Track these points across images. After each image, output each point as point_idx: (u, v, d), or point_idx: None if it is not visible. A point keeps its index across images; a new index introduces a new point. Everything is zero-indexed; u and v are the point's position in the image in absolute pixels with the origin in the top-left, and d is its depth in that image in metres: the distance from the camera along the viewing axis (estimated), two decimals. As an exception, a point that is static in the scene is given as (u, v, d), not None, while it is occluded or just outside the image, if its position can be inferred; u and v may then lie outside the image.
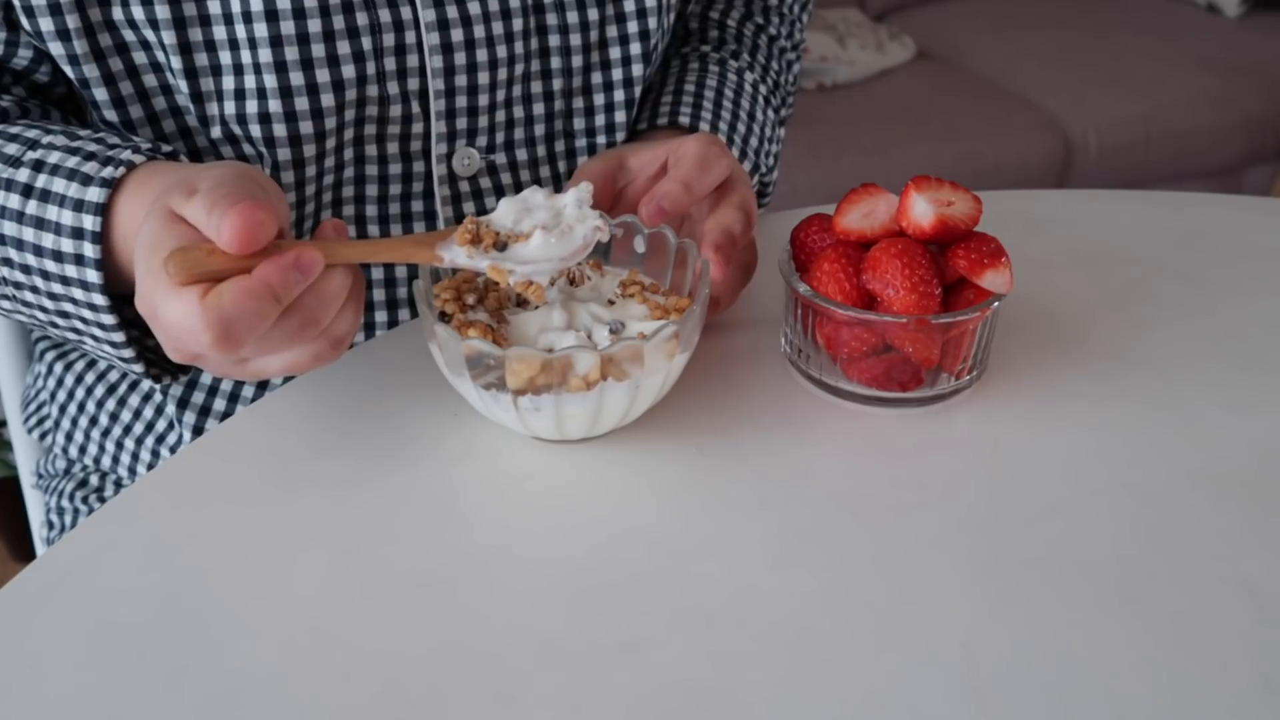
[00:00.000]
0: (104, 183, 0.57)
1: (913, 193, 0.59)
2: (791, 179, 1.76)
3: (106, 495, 0.80)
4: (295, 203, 0.68)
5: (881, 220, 0.60)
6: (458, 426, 0.61)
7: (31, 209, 0.58)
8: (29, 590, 0.53)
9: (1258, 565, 0.53)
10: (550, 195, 0.58)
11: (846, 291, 0.59)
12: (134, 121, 0.65)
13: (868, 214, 0.61)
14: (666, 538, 0.55)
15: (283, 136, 0.65)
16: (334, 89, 0.65)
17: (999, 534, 0.54)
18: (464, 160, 0.72)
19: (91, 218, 0.57)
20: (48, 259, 0.59)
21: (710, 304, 0.62)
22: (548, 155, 0.75)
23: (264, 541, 0.55)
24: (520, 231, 0.57)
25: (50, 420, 0.83)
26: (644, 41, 0.73)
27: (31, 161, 0.59)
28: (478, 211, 0.73)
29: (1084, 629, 0.50)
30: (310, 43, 0.64)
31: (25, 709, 0.47)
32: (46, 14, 0.61)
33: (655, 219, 0.60)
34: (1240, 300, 0.71)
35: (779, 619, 0.50)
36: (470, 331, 0.56)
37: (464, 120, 0.70)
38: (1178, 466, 0.58)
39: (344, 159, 0.68)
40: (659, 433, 0.60)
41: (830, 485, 0.57)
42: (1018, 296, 0.68)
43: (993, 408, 0.62)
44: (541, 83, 0.73)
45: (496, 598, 0.51)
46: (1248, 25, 2.35)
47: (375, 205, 0.71)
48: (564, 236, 0.57)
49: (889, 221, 0.60)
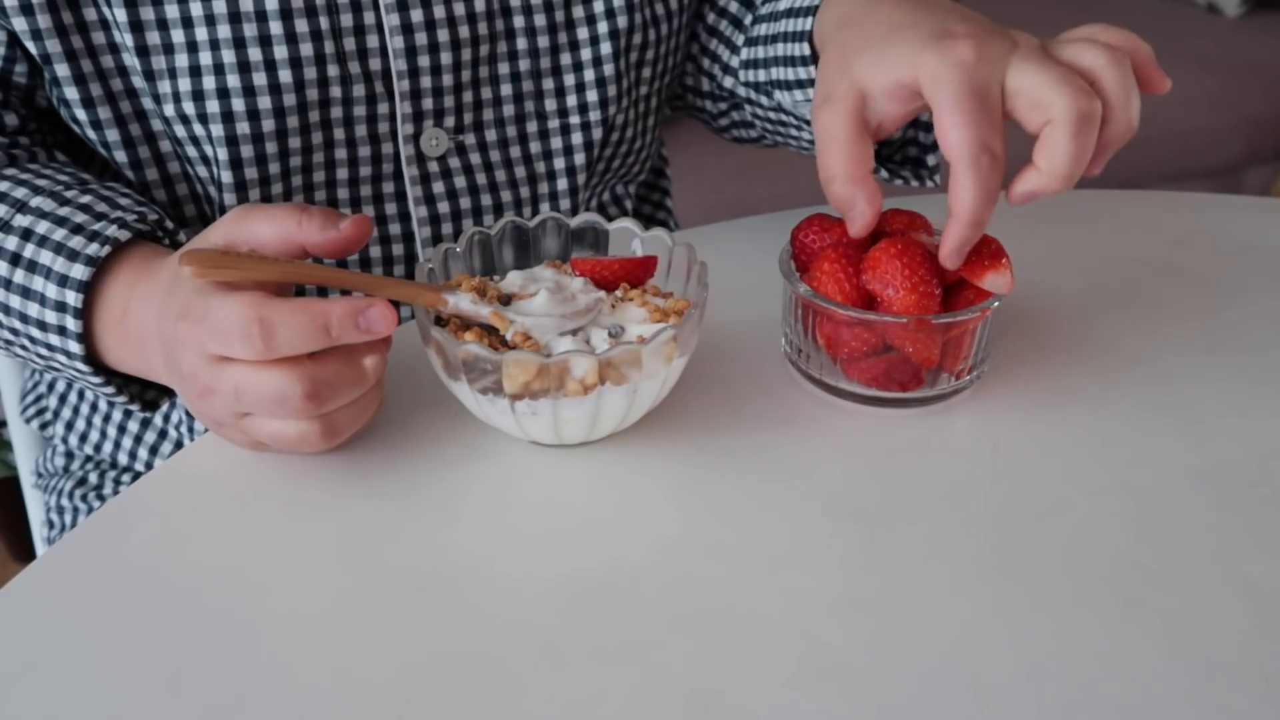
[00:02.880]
0: (89, 260, 0.58)
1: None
2: (791, 179, 1.76)
3: (106, 494, 0.80)
4: (260, 180, 0.68)
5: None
6: (458, 427, 0.61)
7: (19, 278, 0.60)
8: (29, 590, 0.53)
9: (1258, 565, 0.53)
10: (559, 273, 0.61)
11: (846, 292, 0.59)
12: (94, 99, 0.66)
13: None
14: (666, 538, 0.55)
15: (240, 112, 0.66)
16: (291, 66, 0.66)
17: (999, 534, 0.54)
18: (432, 141, 0.72)
19: (75, 294, 0.58)
20: (33, 327, 0.61)
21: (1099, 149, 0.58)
22: (519, 136, 0.75)
23: (264, 541, 0.55)
24: (526, 293, 0.59)
25: (50, 411, 0.84)
26: (611, 20, 0.73)
27: (20, 229, 0.60)
28: (447, 192, 0.73)
29: (1084, 629, 0.50)
30: (268, 20, 0.65)
31: (25, 709, 0.47)
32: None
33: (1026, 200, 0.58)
34: (1240, 300, 0.71)
35: (779, 619, 0.50)
36: (466, 335, 0.56)
37: (429, 101, 0.71)
38: (1178, 466, 0.58)
39: (312, 141, 0.69)
40: (659, 433, 0.60)
41: (830, 485, 0.57)
42: (1018, 296, 0.68)
43: (993, 408, 0.62)
44: (508, 63, 0.73)
45: (496, 598, 0.51)
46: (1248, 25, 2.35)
47: (346, 188, 0.72)
48: (568, 301, 0.58)
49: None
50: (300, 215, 0.54)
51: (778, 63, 0.71)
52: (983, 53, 0.55)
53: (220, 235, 0.55)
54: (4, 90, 0.67)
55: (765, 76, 0.73)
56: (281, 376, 0.52)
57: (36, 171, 0.64)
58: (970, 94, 0.55)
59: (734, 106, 0.81)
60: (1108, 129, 0.57)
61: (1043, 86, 0.55)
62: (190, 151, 0.68)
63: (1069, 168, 0.55)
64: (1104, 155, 0.58)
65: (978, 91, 0.55)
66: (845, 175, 0.58)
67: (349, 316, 0.52)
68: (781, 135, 0.78)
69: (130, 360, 0.60)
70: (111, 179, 0.70)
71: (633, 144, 0.80)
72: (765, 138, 0.81)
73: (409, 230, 0.74)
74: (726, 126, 0.84)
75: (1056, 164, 0.55)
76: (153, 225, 0.61)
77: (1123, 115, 0.57)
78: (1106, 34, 0.60)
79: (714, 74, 0.80)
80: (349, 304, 0.52)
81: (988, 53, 0.55)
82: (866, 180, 0.58)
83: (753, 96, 0.77)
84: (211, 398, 0.54)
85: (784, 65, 0.70)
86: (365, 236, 0.55)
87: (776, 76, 0.72)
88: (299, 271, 0.54)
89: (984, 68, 0.55)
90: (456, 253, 0.61)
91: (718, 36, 0.79)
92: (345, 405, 0.55)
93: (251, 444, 0.58)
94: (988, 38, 0.56)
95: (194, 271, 0.52)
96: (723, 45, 0.79)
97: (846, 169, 0.58)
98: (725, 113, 0.82)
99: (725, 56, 0.79)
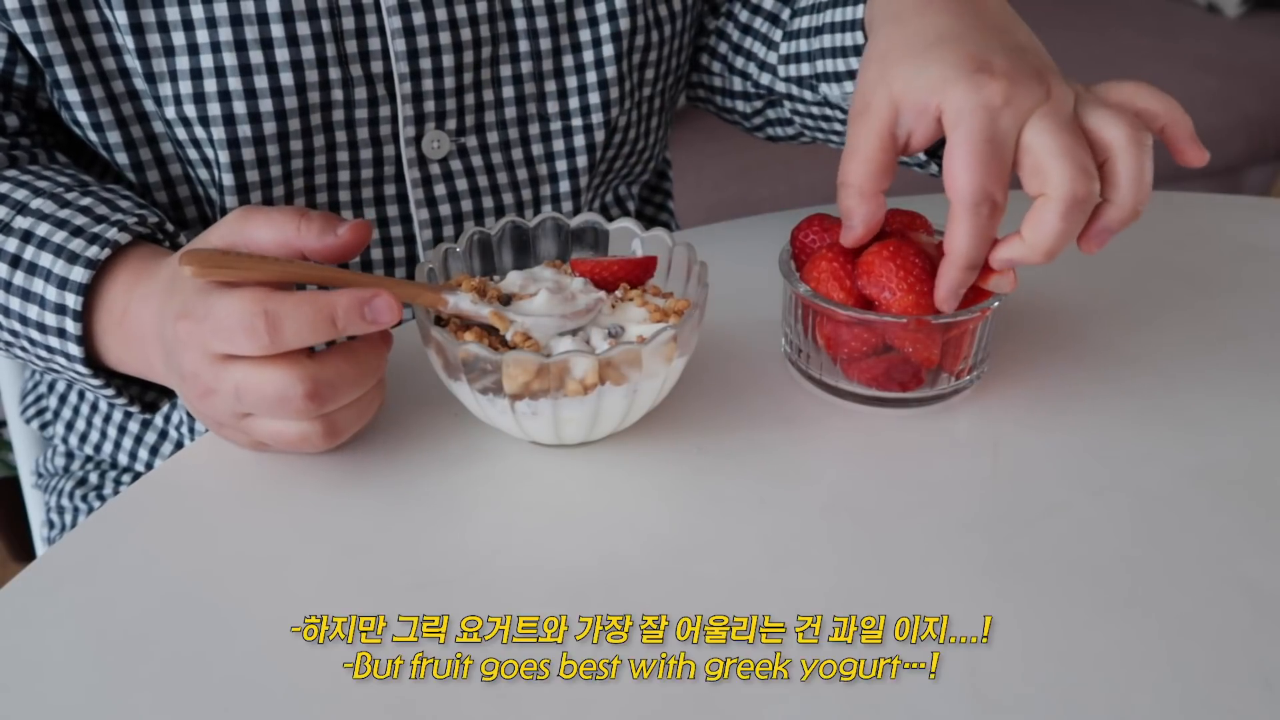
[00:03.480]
0: (89, 263, 0.58)
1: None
2: (791, 179, 1.76)
3: (106, 494, 0.80)
4: (262, 182, 0.68)
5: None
6: (458, 427, 0.61)
7: (19, 280, 0.60)
8: (29, 590, 0.53)
9: (1258, 565, 0.53)
10: (559, 273, 0.61)
11: (845, 291, 0.59)
12: (95, 101, 0.66)
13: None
14: (666, 537, 0.55)
15: (242, 114, 0.66)
16: (293, 69, 0.66)
17: (999, 534, 0.54)
18: (433, 143, 0.72)
19: (74, 296, 0.59)
20: (33, 329, 0.61)
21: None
22: (520, 138, 0.75)
23: (264, 541, 0.55)
24: (526, 293, 0.59)
25: (50, 411, 0.84)
26: (613, 22, 0.73)
27: (20, 232, 0.60)
28: (449, 194, 0.73)
29: (1084, 629, 0.50)
30: (269, 23, 0.65)
31: (25, 709, 0.47)
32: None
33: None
34: (1240, 300, 0.71)
35: (779, 619, 0.50)
36: (466, 335, 0.56)
37: (431, 103, 0.71)
38: (1178, 467, 0.58)
39: (313, 144, 0.69)
40: (659, 433, 0.60)
41: (830, 485, 0.57)
42: (1018, 296, 0.68)
43: (993, 408, 0.62)
44: (510, 66, 0.72)
45: (496, 598, 0.51)
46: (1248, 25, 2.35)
47: (347, 190, 0.72)
48: (568, 301, 0.58)
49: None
50: (300, 220, 0.54)
51: (824, 55, 0.70)
52: (1011, 98, 0.54)
53: (220, 238, 0.55)
54: (5, 92, 0.67)
55: (810, 70, 0.73)
56: (283, 376, 0.52)
57: (37, 173, 0.64)
58: (987, 141, 0.54)
59: (770, 104, 0.81)
60: (1107, 210, 0.56)
61: (1048, 155, 0.54)
62: (191, 154, 0.68)
63: (1051, 245, 0.55)
64: (1104, 237, 0.57)
65: (995, 139, 0.54)
66: (857, 188, 0.58)
67: (354, 307, 0.52)
68: (823, 132, 0.78)
69: (130, 361, 0.60)
70: (113, 181, 0.70)
71: (635, 145, 0.79)
72: (804, 134, 0.81)
73: (410, 232, 0.74)
74: (761, 125, 0.83)
75: (1040, 239, 0.55)
76: (153, 228, 0.61)
77: (1128, 201, 0.56)
78: (1147, 99, 0.59)
79: (749, 72, 0.80)
80: (354, 295, 0.53)
81: (1016, 99, 0.55)
82: (874, 198, 0.58)
83: (794, 92, 0.76)
84: (212, 398, 0.54)
85: (831, 57, 0.70)
86: (364, 242, 0.55)
87: (823, 69, 0.71)
88: (299, 271, 0.54)
89: (1008, 115, 0.54)
90: (456, 253, 0.61)
91: (753, 34, 0.79)
92: (346, 405, 0.55)
93: (252, 444, 0.58)
94: (1022, 81, 0.55)
95: (194, 271, 0.52)
96: (759, 43, 0.78)
97: (860, 182, 0.58)
98: (760, 111, 0.82)
99: (762, 54, 0.78)
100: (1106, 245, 0.57)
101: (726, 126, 0.89)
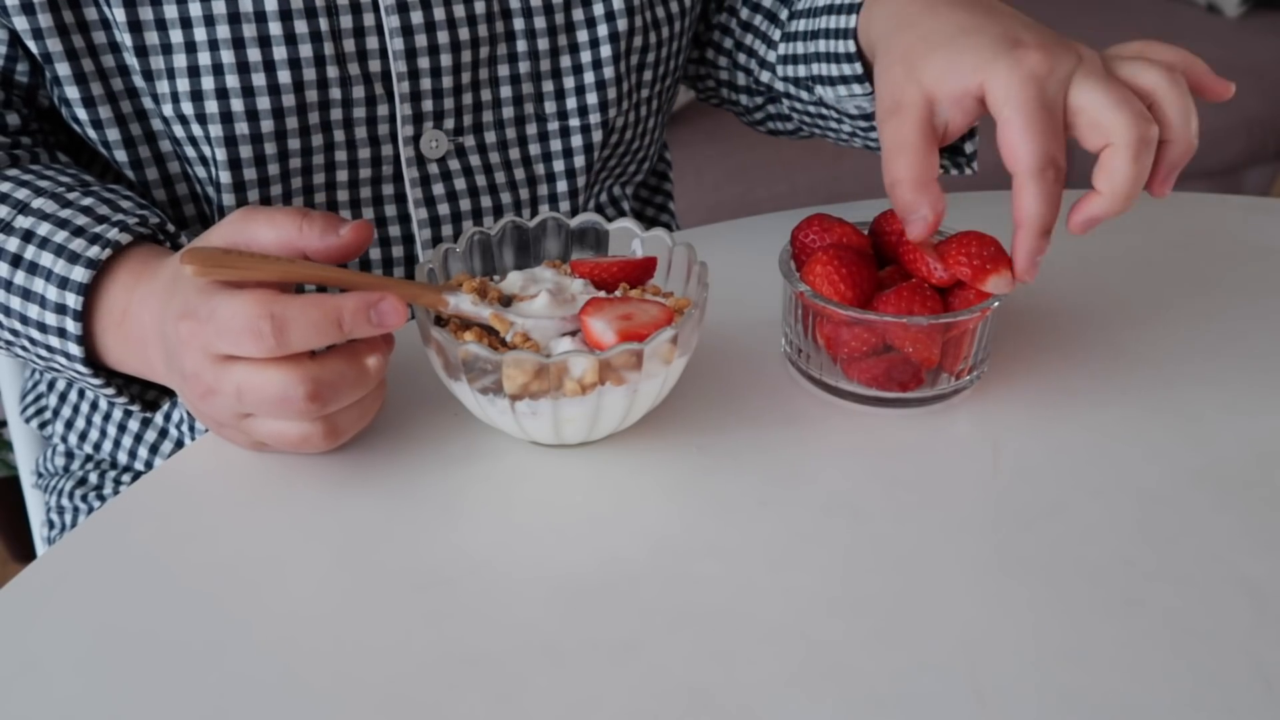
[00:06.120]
0: (89, 263, 0.58)
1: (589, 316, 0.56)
2: (791, 179, 1.76)
3: (106, 493, 0.80)
4: (259, 181, 0.68)
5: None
6: (458, 427, 0.61)
7: (19, 280, 0.60)
8: (29, 590, 0.53)
9: (1258, 565, 0.53)
10: (559, 273, 0.61)
11: (843, 292, 0.59)
12: (94, 98, 0.66)
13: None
14: (667, 537, 0.55)
15: (239, 112, 0.66)
16: (290, 67, 0.66)
17: (999, 534, 0.54)
18: (431, 143, 0.72)
19: (75, 296, 0.59)
20: (33, 328, 0.61)
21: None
22: (518, 138, 0.75)
23: (264, 541, 0.55)
24: (526, 294, 0.59)
25: (50, 410, 0.84)
26: (611, 23, 0.73)
27: (21, 231, 0.60)
28: (447, 193, 0.73)
29: (1084, 629, 0.50)
30: (267, 21, 0.65)
31: (25, 709, 0.47)
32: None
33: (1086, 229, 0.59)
34: (1240, 300, 0.71)
35: (779, 619, 0.50)
36: (466, 335, 0.56)
37: (429, 103, 0.71)
38: (1178, 467, 0.58)
39: (311, 143, 0.69)
40: (659, 433, 0.60)
41: (830, 485, 0.57)
42: (1018, 296, 0.68)
43: (993, 408, 0.62)
44: (508, 65, 0.73)
45: (496, 598, 0.51)
46: (1248, 25, 2.35)
47: (346, 189, 0.72)
48: (568, 303, 0.59)
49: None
50: (301, 220, 0.54)
51: (819, 59, 0.71)
52: (1053, 66, 0.56)
53: (221, 238, 0.55)
54: (6, 89, 0.67)
55: (805, 72, 0.73)
56: (284, 377, 0.52)
57: (38, 173, 0.64)
58: (1041, 108, 0.55)
59: (770, 100, 0.82)
60: (1168, 149, 0.58)
61: (1104, 108, 0.56)
62: (189, 152, 0.68)
63: (1129, 189, 0.56)
64: (1170, 176, 0.59)
65: (1046, 105, 0.56)
66: (912, 182, 0.58)
67: (361, 310, 0.52)
68: (820, 128, 0.79)
69: (130, 361, 0.60)
70: (113, 179, 0.70)
71: (631, 145, 0.80)
72: (803, 130, 0.82)
73: (409, 232, 0.74)
74: (762, 120, 0.84)
75: (1118, 186, 0.56)
76: (154, 228, 0.61)
77: (1182, 136, 0.58)
78: (1160, 52, 0.60)
79: (750, 69, 0.81)
80: (360, 298, 0.53)
81: (1057, 67, 0.56)
82: (932, 186, 0.58)
83: (791, 91, 0.77)
84: (213, 398, 0.54)
85: (825, 61, 0.70)
86: (366, 242, 0.55)
87: (818, 72, 0.72)
88: (300, 271, 0.54)
89: (1053, 82, 0.56)
90: (456, 253, 0.61)
91: (753, 32, 0.80)
92: (347, 406, 0.55)
93: (253, 444, 0.58)
94: (1056, 50, 0.57)
95: (196, 270, 0.52)
96: (759, 40, 0.79)
97: (914, 175, 0.58)
98: (761, 106, 0.83)
99: (762, 52, 0.79)
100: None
101: (726, 127, 0.90)
